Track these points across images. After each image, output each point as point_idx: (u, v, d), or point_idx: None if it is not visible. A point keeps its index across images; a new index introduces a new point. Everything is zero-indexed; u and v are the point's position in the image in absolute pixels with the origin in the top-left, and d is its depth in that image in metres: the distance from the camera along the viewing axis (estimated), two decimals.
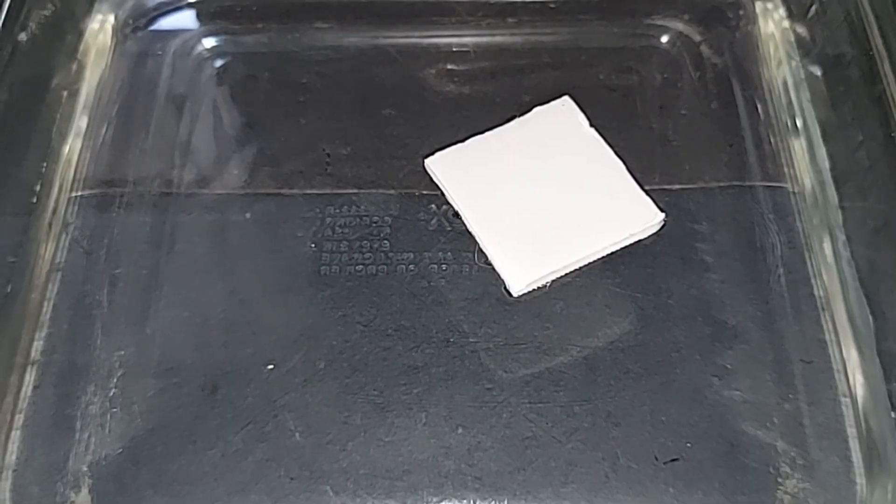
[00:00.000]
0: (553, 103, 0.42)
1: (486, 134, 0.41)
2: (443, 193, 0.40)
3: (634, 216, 0.38)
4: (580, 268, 0.38)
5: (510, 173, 0.39)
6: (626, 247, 0.38)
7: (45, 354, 0.36)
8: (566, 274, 0.37)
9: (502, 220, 0.38)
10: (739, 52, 0.45)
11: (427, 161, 0.40)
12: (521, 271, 0.37)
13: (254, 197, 0.40)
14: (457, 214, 0.39)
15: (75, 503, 0.33)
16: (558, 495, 0.33)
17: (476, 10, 0.47)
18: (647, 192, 0.39)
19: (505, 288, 0.37)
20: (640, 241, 0.38)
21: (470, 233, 0.39)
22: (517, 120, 0.41)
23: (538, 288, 0.37)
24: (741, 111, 0.43)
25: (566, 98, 0.42)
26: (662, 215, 0.38)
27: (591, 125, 0.41)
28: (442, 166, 0.40)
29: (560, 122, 0.41)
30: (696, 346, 0.36)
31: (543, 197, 0.39)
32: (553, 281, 0.37)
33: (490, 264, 0.38)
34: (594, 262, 0.38)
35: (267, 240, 0.39)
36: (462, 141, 0.41)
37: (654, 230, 0.38)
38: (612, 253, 0.38)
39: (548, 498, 0.33)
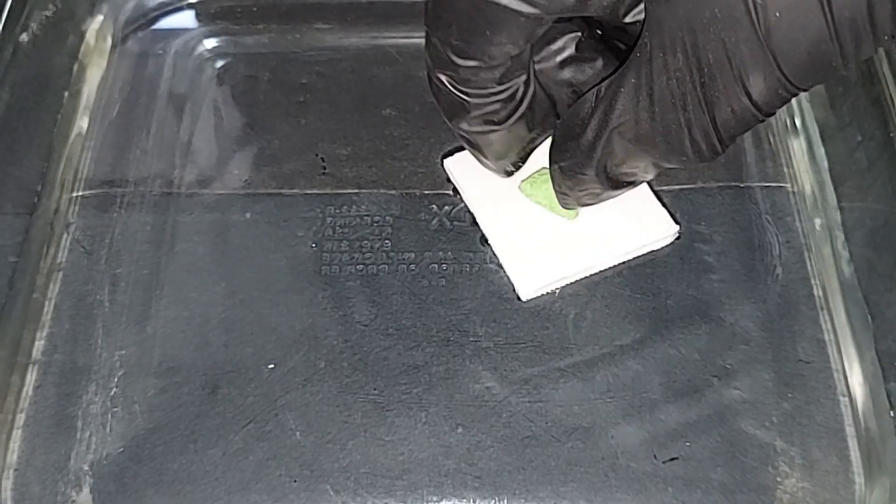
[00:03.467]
0: None
1: None
2: (454, 193, 0.40)
3: (649, 227, 0.37)
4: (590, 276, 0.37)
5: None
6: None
7: (47, 354, 0.36)
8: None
9: (516, 224, 0.38)
10: None
11: (446, 161, 0.40)
12: (532, 277, 0.36)
13: (254, 197, 0.40)
14: (472, 217, 0.39)
15: (76, 502, 0.33)
16: (558, 494, 0.33)
17: None
18: (664, 204, 0.38)
19: (507, 288, 0.37)
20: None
21: (471, 233, 0.39)
22: None
23: (547, 294, 0.37)
24: None
25: None
26: (677, 227, 0.37)
27: None
28: (460, 167, 0.39)
29: None
30: (694, 346, 0.36)
31: None
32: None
33: (502, 267, 0.37)
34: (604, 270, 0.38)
35: (267, 240, 0.39)
36: None
37: (668, 242, 0.38)
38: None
39: (547, 497, 0.33)
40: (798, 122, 0.43)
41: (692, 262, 0.38)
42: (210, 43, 0.46)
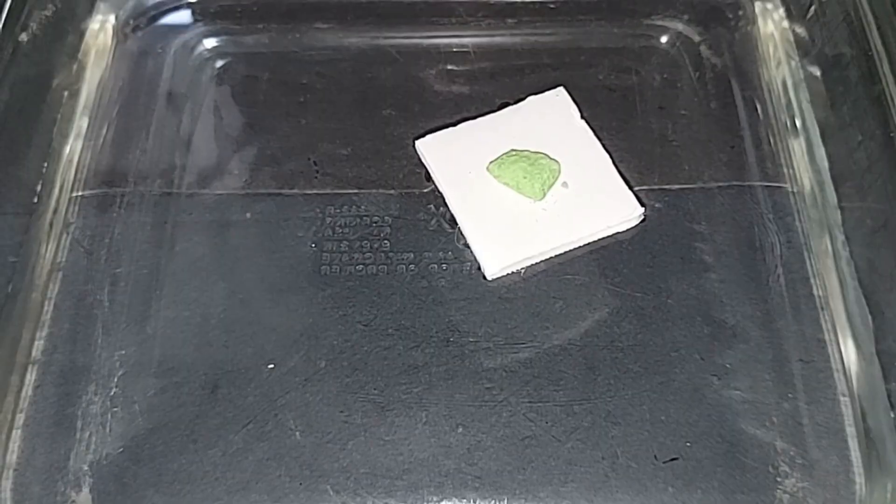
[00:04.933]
0: (547, 93, 0.42)
1: (478, 119, 0.41)
2: (425, 174, 0.40)
3: (614, 209, 0.38)
4: (561, 259, 0.38)
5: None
6: (624, 246, 0.38)
7: (46, 354, 0.36)
8: (559, 269, 0.38)
9: (484, 204, 0.38)
10: (739, 53, 0.45)
11: (417, 143, 0.41)
12: (497, 255, 0.37)
13: (254, 197, 0.40)
14: (443, 196, 0.39)
15: (76, 502, 0.33)
16: (558, 494, 0.33)
17: (476, 11, 0.47)
18: (630, 187, 0.39)
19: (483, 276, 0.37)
20: (636, 239, 0.39)
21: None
22: (510, 108, 0.42)
23: (512, 273, 0.38)
24: (741, 111, 0.43)
25: (560, 89, 0.42)
26: (642, 209, 0.38)
27: (583, 118, 0.41)
28: (431, 148, 0.40)
29: (552, 111, 0.41)
30: (695, 346, 0.36)
31: None
32: (547, 276, 0.37)
33: (468, 246, 0.38)
34: (578, 254, 0.38)
35: (267, 240, 0.39)
36: (454, 125, 0.41)
37: (633, 224, 0.39)
38: (604, 249, 0.38)
39: (548, 497, 0.33)
40: (798, 122, 0.43)
41: (692, 262, 0.38)
42: (210, 43, 0.46)
